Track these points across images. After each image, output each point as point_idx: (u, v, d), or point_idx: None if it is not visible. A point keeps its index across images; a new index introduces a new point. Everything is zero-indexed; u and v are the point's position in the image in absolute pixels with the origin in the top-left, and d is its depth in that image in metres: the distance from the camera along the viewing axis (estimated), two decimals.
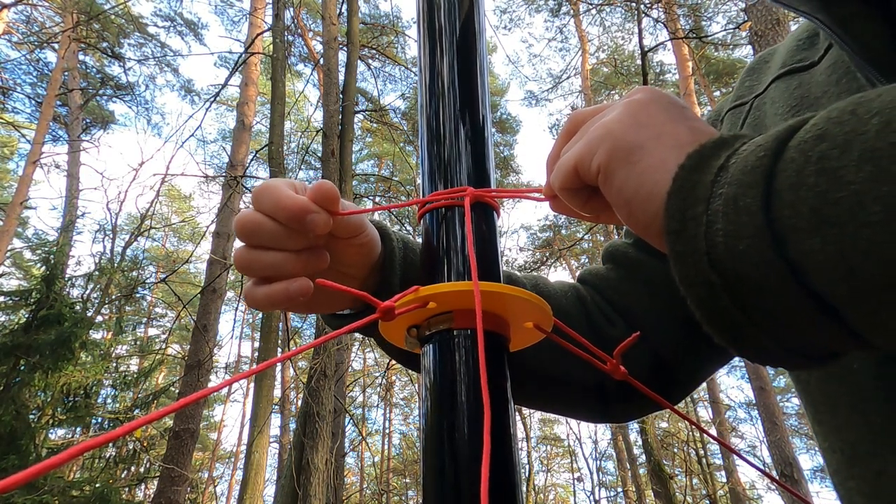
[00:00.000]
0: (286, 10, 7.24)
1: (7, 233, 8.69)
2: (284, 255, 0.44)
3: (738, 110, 0.57)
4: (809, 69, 0.50)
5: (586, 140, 0.38)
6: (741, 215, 0.28)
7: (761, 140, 0.29)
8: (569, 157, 0.39)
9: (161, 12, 13.05)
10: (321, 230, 0.43)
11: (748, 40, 5.38)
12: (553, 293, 0.61)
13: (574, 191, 0.40)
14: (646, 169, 0.34)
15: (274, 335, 5.32)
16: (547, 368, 0.56)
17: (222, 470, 20.02)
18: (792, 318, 0.28)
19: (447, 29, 0.48)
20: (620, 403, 0.60)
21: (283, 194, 0.43)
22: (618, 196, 0.35)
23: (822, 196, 0.25)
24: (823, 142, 0.26)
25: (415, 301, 0.37)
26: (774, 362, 0.32)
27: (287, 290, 0.43)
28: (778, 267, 0.27)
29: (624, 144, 0.35)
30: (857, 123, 0.25)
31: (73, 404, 7.08)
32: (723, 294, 0.29)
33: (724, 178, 0.29)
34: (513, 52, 26.77)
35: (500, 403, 0.35)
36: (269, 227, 0.43)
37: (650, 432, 8.43)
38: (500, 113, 16.44)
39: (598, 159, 0.36)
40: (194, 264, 16.66)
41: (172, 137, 9.51)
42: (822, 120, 0.27)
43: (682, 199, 0.31)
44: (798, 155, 0.27)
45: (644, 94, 0.38)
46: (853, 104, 0.26)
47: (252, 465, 5.02)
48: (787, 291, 0.27)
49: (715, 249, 0.29)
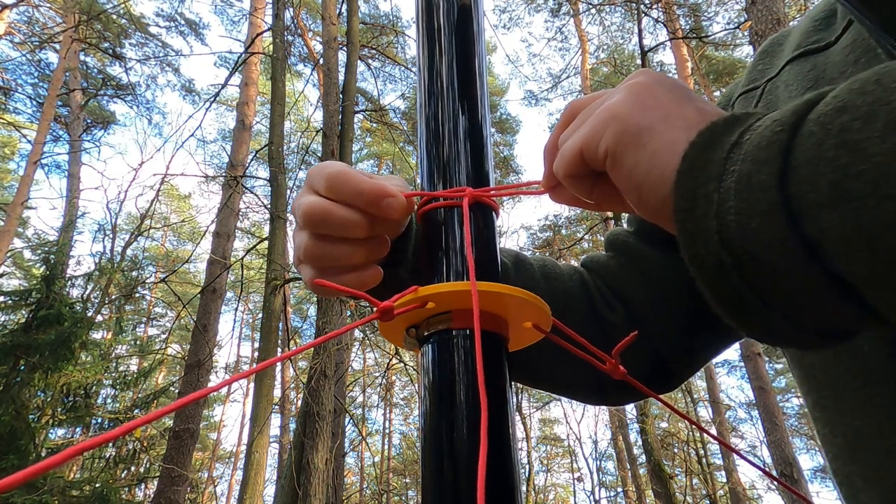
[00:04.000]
0: (286, 10, 7.24)
1: (7, 233, 8.69)
2: (354, 247, 0.42)
3: (750, 94, 0.56)
4: (825, 50, 0.48)
5: (591, 124, 0.36)
6: (754, 192, 0.27)
7: (777, 115, 0.28)
8: (573, 142, 0.37)
9: (163, 12, 13.07)
10: (398, 214, 0.41)
11: (748, 40, 5.38)
12: (560, 275, 0.62)
13: (579, 177, 0.39)
14: (656, 150, 0.33)
15: (274, 335, 5.32)
16: (546, 357, 0.56)
17: (222, 470, 20.04)
18: (807, 298, 0.27)
19: (446, 29, 0.48)
20: (618, 390, 0.60)
21: (359, 177, 0.41)
22: (628, 180, 0.34)
23: (843, 170, 0.24)
24: (845, 113, 0.25)
25: (413, 301, 0.37)
26: (785, 343, 0.31)
27: (361, 280, 0.43)
28: (792, 245, 0.26)
29: (632, 127, 0.34)
30: (883, 93, 0.24)
31: (73, 404, 7.09)
32: (733, 273, 0.28)
33: (737, 154, 0.28)
34: (512, 52, 26.79)
35: (498, 403, 0.35)
36: (342, 214, 0.41)
37: (650, 432, 8.43)
38: (499, 113, 16.44)
39: (605, 142, 0.35)
40: (194, 264, 16.67)
41: (172, 137, 9.51)
42: (843, 91, 0.26)
43: (693, 177, 0.30)
44: (817, 128, 0.26)
45: (647, 77, 0.37)
46: (878, 74, 0.25)
47: (252, 465, 5.01)
48: (802, 270, 0.26)
49: (726, 228, 0.28)
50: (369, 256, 0.43)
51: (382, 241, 0.45)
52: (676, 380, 0.61)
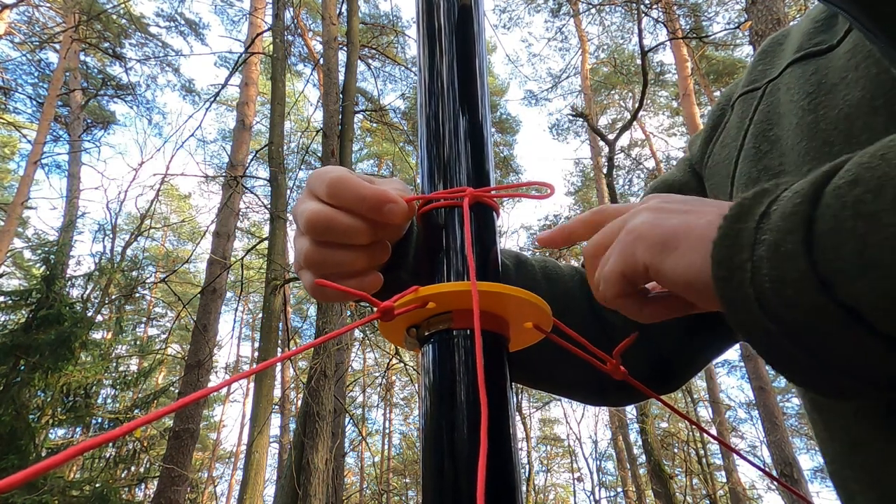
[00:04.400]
0: (286, 10, 7.24)
1: (7, 233, 8.69)
2: (356, 253, 0.42)
3: (751, 95, 0.56)
4: (827, 53, 0.48)
5: (620, 249, 0.39)
6: (784, 261, 0.28)
7: (798, 186, 0.30)
8: (612, 268, 0.39)
9: (163, 12, 13.07)
10: (399, 220, 0.41)
11: (748, 40, 5.38)
12: (561, 275, 0.62)
13: (628, 297, 0.41)
14: (687, 248, 0.35)
15: (274, 335, 5.32)
16: (547, 358, 0.57)
17: (222, 470, 20.04)
18: (861, 357, 0.28)
19: (446, 29, 0.48)
20: (619, 391, 0.60)
21: (361, 184, 0.40)
22: (675, 283, 0.36)
23: (863, 239, 0.26)
24: (857, 186, 0.27)
25: (414, 301, 0.37)
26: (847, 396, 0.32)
27: (361, 286, 0.43)
28: (832, 311, 0.27)
29: (657, 238, 0.36)
30: (888, 168, 0.26)
31: (73, 404, 7.08)
32: (784, 341, 0.30)
33: (766, 224, 0.30)
34: (512, 52, 26.79)
35: (499, 403, 0.35)
36: (344, 221, 0.40)
37: (650, 432, 8.43)
38: (499, 113, 16.45)
39: (641, 259, 0.37)
40: (194, 264, 16.67)
41: (172, 137, 9.51)
42: (854, 165, 0.28)
43: (727, 246, 0.31)
44: (834, 200, 0.27)
45: (658, 197, 0.40)
46: (883, 148, 0.27)
47: (252, 465, 5.01)
48: (849, 333, 0.27)
49: (764, 296, 0.29)
50: (371, 262, 0.43)
51: (384, 246, 0.45)
52: (677, 380, 0.62)
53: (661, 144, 16.35)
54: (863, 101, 0.41)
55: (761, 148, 0.50)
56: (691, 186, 0.61)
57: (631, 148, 16.09)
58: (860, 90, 0.42)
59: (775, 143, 0.49)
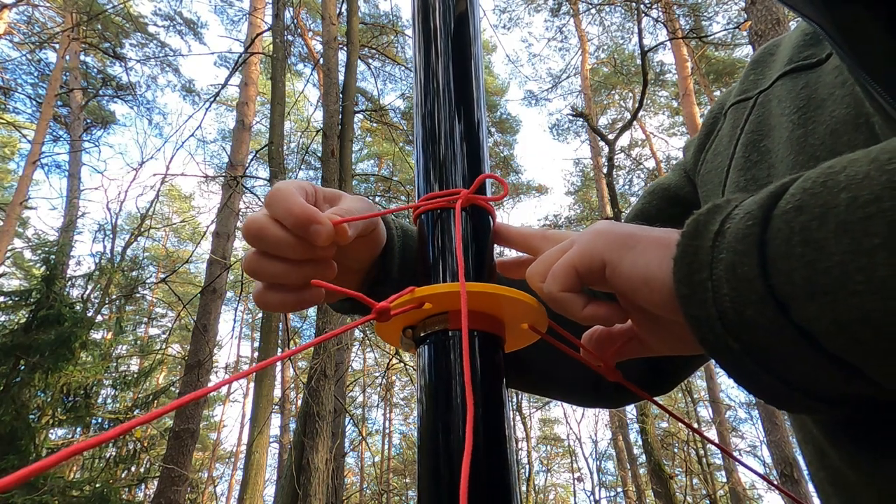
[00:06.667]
0: (286, 9, 7.24)
1: (7, 233, 8.69)
2: (288, 267, 0.42)
3: (742, 105, 0.56)
4: (816, 67, 0.49)
5: (578, 245, 0.39)
6: (742, 282, 0.29)
7: (748, 206, 0.30)
8: (565, 261, 0.39)
9: (161, 11, 13.05)
10: (322, 242, 0.41)
11: (748, 40, 5.38)
12: None
13: (573, 294, 0.40)
14: (646, 246, 0.35)
15: (274, 335, 5.32)
16: (543, 360, 0.57)
17: (222, 470, 20.03)
18: (823, 377, 0.29)
19: (442, 29, 0.48)
20: (615, 391, 0.61)
21: (293, 199, 0.41)
22: (628, 281, 0.36)
23: (811, 266, 0.26)
24: (802, 213, 0.27)
25: (410, 302, 0.37)
26: (813, 411, 0.34)
27: (300, 300, 0.43)
28: (790, 332, 0.28)
29: (617, 236, 0.37)
30: (829, 196, 0.26)
31: (73, 404, 7.08)
32: (746, 358, 0.30)
33: (721, 243, 0.30)
34: (512, 52, 26.77)
35: (493, 403, 0.36)
36: (275, 232, 0.41)
37: (650, 432, 8.42)
38: (499, 112, 16.42)
39: (600, 254, 0.37)
40: (194, 264, 16.66)
41: (172, 137, 9.49)
42: (798, 190, 0.28)
43: (687, 263, 0.32)
44: (783, 225, 0.28)
45: (606, 222, 0.40)
46: (823, 175, 0.28)
47: (252, 465, 5.02)
48: (809, 355, 0.28)
49: (726, 315, 0.30)
50: (306, 278, 0.43)
51: (326, 264, 0.44)
52: (671, 381, 0.62)
53: (662, 144, 16.34)
54: (847, 117, 0.42)
55: (751, 158, 0.51)
56: (687, 191, 0.61)
57: (631, 148, 16.08)
58: (845, 107, 0.43)
59: (765, 154, 0.49)
